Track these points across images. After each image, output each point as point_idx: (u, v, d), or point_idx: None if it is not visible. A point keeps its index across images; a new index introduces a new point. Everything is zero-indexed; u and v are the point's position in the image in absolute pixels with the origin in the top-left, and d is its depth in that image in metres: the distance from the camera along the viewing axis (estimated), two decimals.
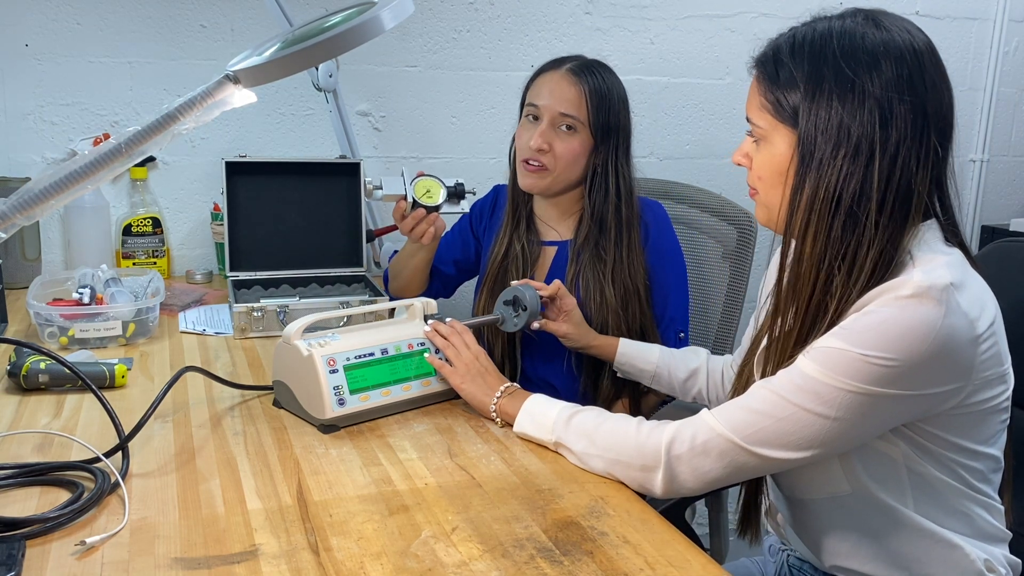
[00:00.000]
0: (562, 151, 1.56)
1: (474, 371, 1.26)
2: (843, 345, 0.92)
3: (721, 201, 1.87)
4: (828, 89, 0.95)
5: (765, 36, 1.06)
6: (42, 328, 1.50)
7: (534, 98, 1.59)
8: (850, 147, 0.94)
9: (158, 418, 1.20)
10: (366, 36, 0.89)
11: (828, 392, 0.93)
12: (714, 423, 1.00)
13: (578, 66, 1.59)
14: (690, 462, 1.01)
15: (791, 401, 0.95)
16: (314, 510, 0.98)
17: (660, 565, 0.89)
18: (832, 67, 0.95)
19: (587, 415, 1.13)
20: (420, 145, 2.27)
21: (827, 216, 0.95)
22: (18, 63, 1.93)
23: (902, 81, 0.93)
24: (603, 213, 1.59)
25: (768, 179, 1.03)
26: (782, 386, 0.96)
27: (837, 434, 0.94)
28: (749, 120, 1.05)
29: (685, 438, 1.01)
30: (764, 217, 1.08)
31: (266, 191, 1.94)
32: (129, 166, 0.89)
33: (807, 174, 0.97)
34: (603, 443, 1.08)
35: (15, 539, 0.87)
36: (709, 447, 0.99)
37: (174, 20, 2.01)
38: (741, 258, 1.80)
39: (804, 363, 0.95)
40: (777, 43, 1.02)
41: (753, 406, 0.98)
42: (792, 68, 0.98)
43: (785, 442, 0.96)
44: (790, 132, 0.99)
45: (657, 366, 1.44)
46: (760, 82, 1.02)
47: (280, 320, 1.63)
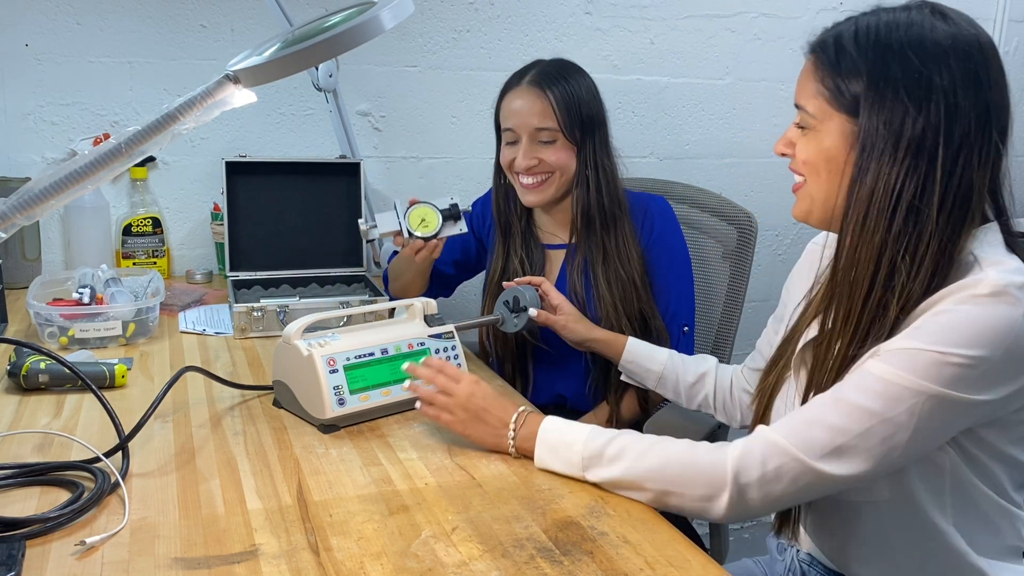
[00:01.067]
0: (552, 160, 1.57)
1: (472, 411, 1.13)
2: (920, 345, 0.89)
3: (721, 201, 1.87)
4: (894, 80, 0.93)
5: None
6: (42, 328, 1.50)
7: (506, 121, 1.60)
8: (914, 141, 0.92)
9: (158, 418, 1.20)
10: (366, 36, 0.89)
11: (907, 396, 0.89)
12: (786, 445, 0.94)
13: (538, 75, 1.58)
14: (761, 488, 0.94)
15: (870, 409, 0.90)
16: (314, 510, 0.98)
17: (660, 565, 0.89)
18: (899, 58, 0.93)
19: (624, 440, 1.04)
20: (420, 145, 2.27)
21: (888, 210, 0.93)
22: (18, 63, 1.93)
23: (968, 76, 0.92)
24: (588, 209, 1.59)
25: (816, 167, 1.00)
26: (856, 394, 0.92)
27: (908, 443, 0.91)
28: (799, 106, 1.01)
29: (754, 464, 0.95)
30: (804, 210, 1.04)
31: (266, 191, 1.94)
32: (129, 166, 0.89)
33: (867, 166, 0.94)
34: (652, 473, 1.00)
35: (15, 539, 0.87)
36: (782, 472, 0.94)
37: (174, 20, 2.01)
38: (741, 258, 1.80)
39: (876, 367, 0.91)
40: (838, 30, 0.99)
41: (827, 420, 0.93)
42: (855, 56, 0.95)
43: (860, 456, 0.91)
44: (846, 121, 0.97)
45: (665, 367, 1.40)
46: (817, 68, 0.99)
47: (280, 320, 1.63)
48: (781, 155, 1.06)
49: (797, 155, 1.03)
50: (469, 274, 1.85)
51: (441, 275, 1.79)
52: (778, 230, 2.68)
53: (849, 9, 1.01)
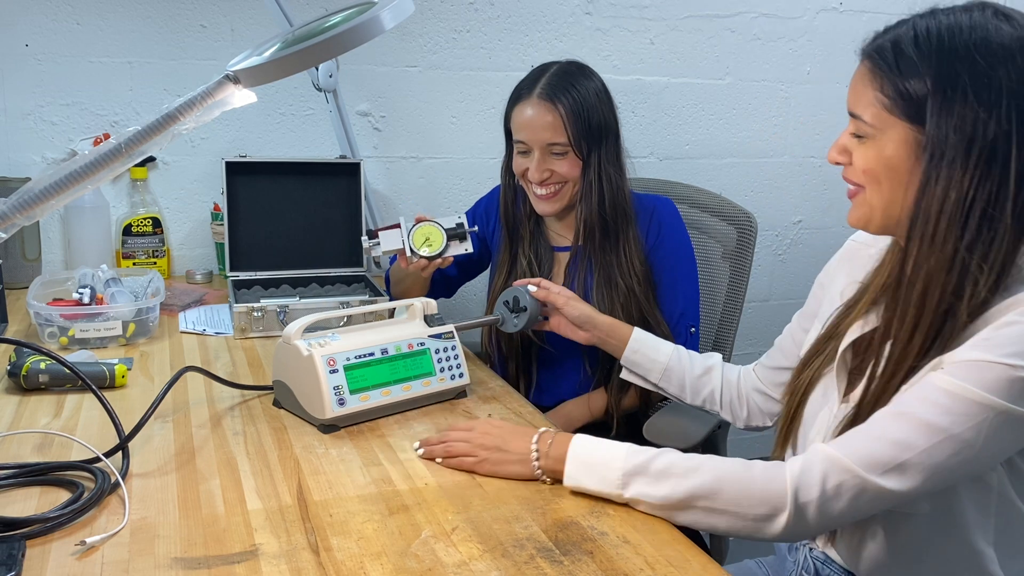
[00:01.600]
0: (565, 171, 1.58)
1: (492, 447, 1.09)
2: (990, 357, 0.87)
3: (721, 201, 1.87)
4: (962, 85, 0.89)
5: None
6: (42, 328, 1.50)
7: (518, 132, 1.60)
8: (986, 146, 0.89)
9: (158, 418, 1.20)
10: (366, 36, 0.89)
11: (976, 411, 0.87)
12: (846, 462, 0.91)
13: (548, 88, 1.56)
14: (821, 507, 0.91)
15: (936, 425, 0.88)
16: (314, 510, 0.98)
17: (660, 565, 0.89)
18: (966, 61, 0.89)
19: (668, 459, 0.99)
20: (420, 145, 2.27)
21: (960, 218, 0.90)
22: (18, 63, 1.93)
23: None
24: (588, 220, 1.60)
25: (877, 176, 0.96)
26: (922, 409, 0.89)
27: (971, 460, 0.89)
28: (855, 115, 0.98)
29: (814, 482, 0.92)
30: (863, 217, 1.00)
31: (266, 191, 1.94)
32: (129, 166, 0.89)
33: (937, 174, 0.91)
34: (703, 492, 0.95)
35: (15, 539, 0.87)
36: (843, 489, 0.91)
37: (174, 20, 2.01)
38: (741, 258, 1.80)
39: (943, 380, 0.89)
40: (895, 34, 0.95)
41: (892, 435, 0.90)
42: (917, 60, 0.92)
43: (923, 472, 0.89)
44: (909, 128, 0.93)
45: (671, 359, 1.35)
46: (875, 75, 0.95)
47: (280, 320, 1.63)
48: (835, 163, 1.02)
49: (855, 163, 0.99)
50: (472, 275, 1.85)
51: (444, 277, 1.79)
52: (778, 230, 2.68)
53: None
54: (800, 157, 2.65)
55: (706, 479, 0.96)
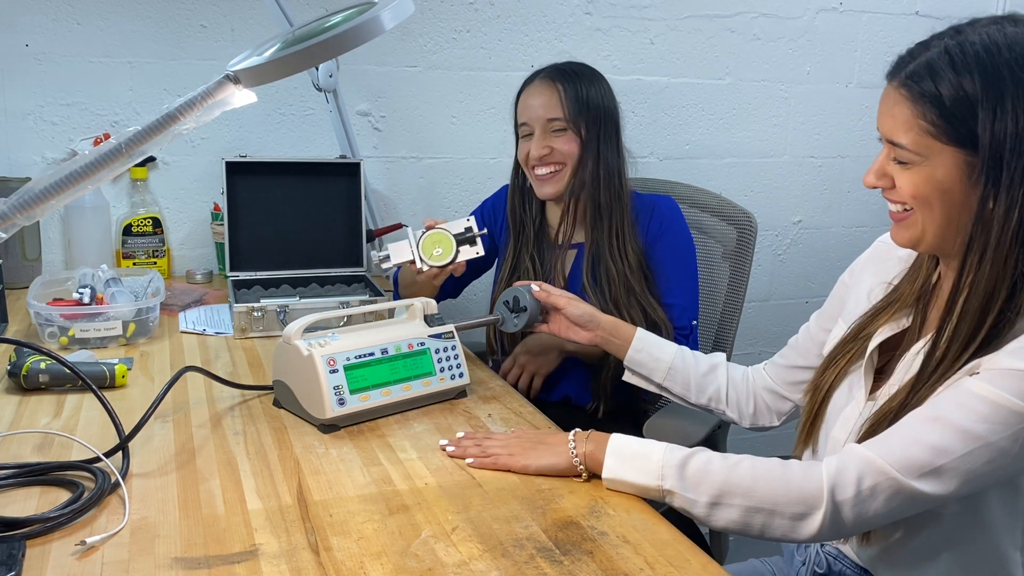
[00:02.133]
0: (564, 149, 1.62)
1: (528, 440, 1.11)
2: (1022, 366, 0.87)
3: (721, 201, 1.87)
4: (1012, 102, 0.88)
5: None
6: (42, 328, 1.50)
7: (521, 116, 1.67)
8: None
9: (158, 418, 1.20)
10: (366, 36, 0.89)
11: (1014, 420, 0.87)
12: (882, 464, 0.91)
13: (551, 71, 1.66)
14: (856, 507, 0.92)
15: (974, 432, 0.88)
16: (314, 510, 0.98)
17: (660, 565, 0.89)
18: (1010, 76, 0.89)
19: (707, 456, 1.00)
20: (420, 145, 2.27)
21: (1021, 231, 0.90)
22: (18, 63, 1.93)
23: None
24: (583, 196, 1.63)
25: (928, 200, 0.95)
26: (960, 415, 0.89)
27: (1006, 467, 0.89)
28: (895, 143, 0.96)
29: (849, 481, 0.92)
30: (913, 239, 1.00)
31: (266, 191, 1.94)
32: (129, 166, 0.89)
33: (996, 193, 0.90)
34: (741, 489, 0.96)
35: (15, 539, 0.87)
36: (878, 490, 0.91)
37: (174, 20, 2.01)
38: (741, 258, 1.80)
39: (982, 387, 0.89)
40: (928, 58, 0.94)
41: (929, 440, 0.90)
42: (959, 83, 0.91)
43: (959, 477, 0.89)
44: (957, 152, 0.92)
45: (675, 358, 1.34)
46: (914, 102, 0.94)
47: (280, 320, 1.63)
48: (872, 187, 1.01)
49: (901, 188, 0.98)
50: (479, 274, 1.85)
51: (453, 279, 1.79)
52: (778, 230, 2.68)
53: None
54: (800, 157, 2.65)
55: (744, 476, 0.97)
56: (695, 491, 0.98)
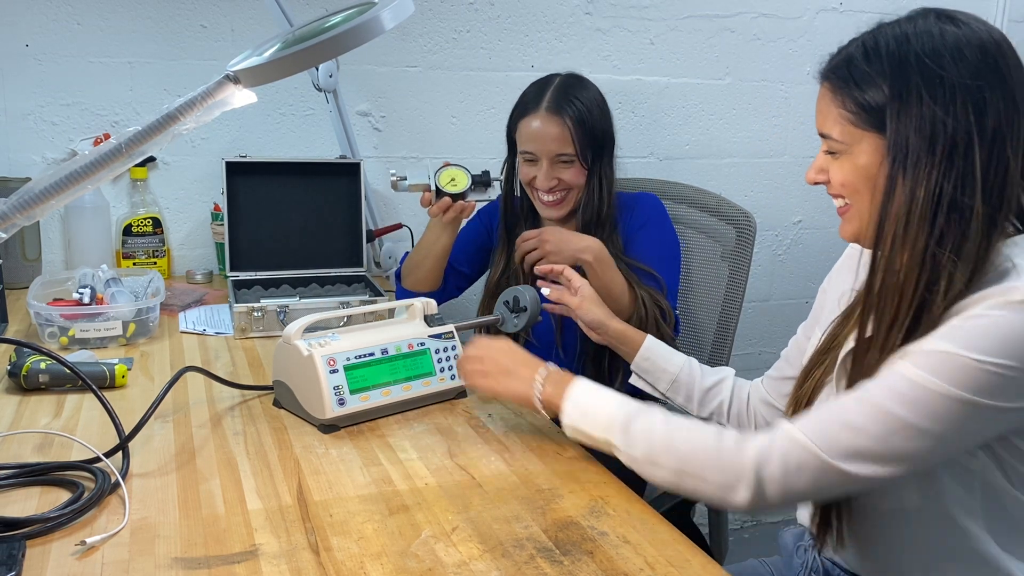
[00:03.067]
0: (571, 179, 1.65)
1: (502, 369, 1.18)
2: (952, 348, 0.88)
3: (720, 201, 1.87)
4: (916, 88, 0.93)
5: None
6: (42, 328, 1.50)
7: (526, 144, 1.66)
8: (947, 142, 0.92)
9: (158, 418, 1.20)
10: (366, 36, 0.89)
11: (935, 401, 0.88)
12: (806, 442, 0.93)
13: (554, 100, 1.63)
14: (781, 482, 0.94)
15: (894, 413, 0.89)
16: (314, 510, 0.98)
17: (660, 565, 0.89)
18: (916, 66, 0.93)
19: (652, 417, 1.03)
20: (420, 145, 2.27)
21: (929, 213, 0.92)
22: (18, 63, 1.93)
23: (989, 69, 0.92)
24: (591, 218, 1.67)
25: (856, 187, 1.00)
26: (883, 396, 0.90)
27: (932, 449, 0.90)
28: (825, 135, 1.01)
29: (775, 457, 0.94)
30: (855, 230, 1.03)
31: (266, 191, 1.94)
32: (129, 166, 0.89)
33: (901, 176, 0.94)
34: (675, 454, 0.99)
35: (15, 539, 0.88)
36: (803, 467, 0.93)
37: (174, 20, 2.01)
38: (740, 258, 1.80)
39: (907, 369, 0.90)
40: (847, 52, 1.00)
41: (850, 420, 0.92)
42: (871, 73, 0.96)
43: (882, 458, 0.90)
44: (877, 138, 0.96)
45: (681, 370, 1.35)
46: (835, 93, 0.99)
47: (280, 320, 1.63)
48: (814, 183, 1.05)
49: (833, 179, 1.02)
50: (483, 272, 1.86)
51: (457, 273, 1.80)
52: (777, 231, 2.68)
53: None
54: (800, 157, 2.64)
55: (680, 441, 1.00)
56: (635, 448, 1.02)
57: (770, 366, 1.32)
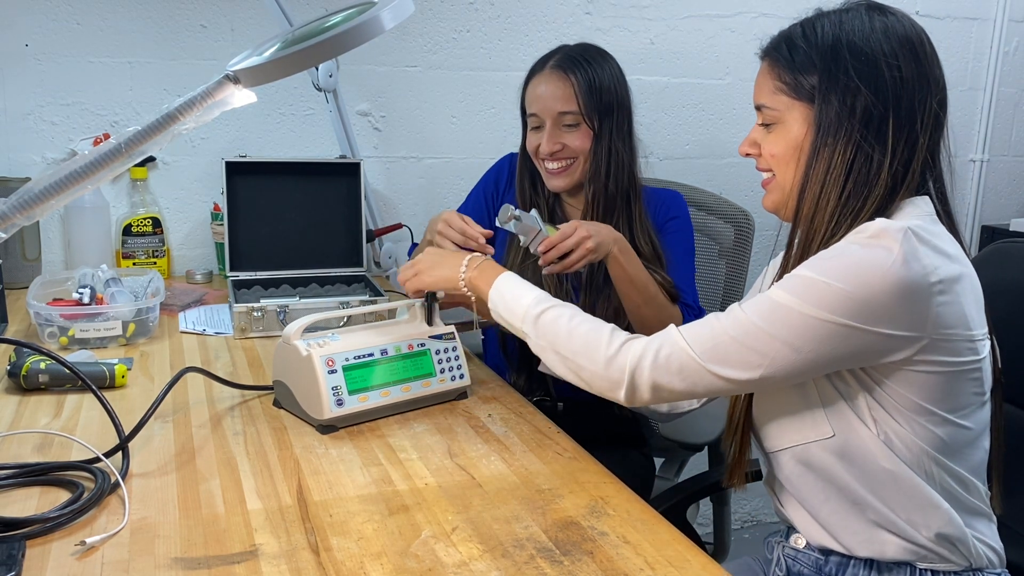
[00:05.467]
0: (576, 145, 1.58)
1: (431, 263, 1.29)
2: (809, 273, 0.98)
3: (718, 200, 1.87)
4: (844, 64, 1.02)
5: (765, 36, 1.10)
6: (42, 328, 1.50)
7: (530, 106, 1.61)
8: (866, 114, 1.01)
9: (158, 418, 1.20)
10: (366, 36, 0.89)
11: (790, 316, 0.97)
12: (679, 339, 1.04)
13: (562, 59, 1.59)
14: (651, 375, 1.04)
15: (756, 323, 0.99)
16: (314, 510, 0.98)
17: (660, 565, 0.89)
18: (847, 45, 1.03)
19: (558, 313, 1.13)
20: (420, 145, 2.27)
21: (841, 178, 1.03)
22: (18, 63, 1.93)
23: (910, 53, 1.02)
24: (597, 192, 1.60)
25: (783, 156, 1.08)
26: (751, 309, 1.01)
27: (790, 360, 0.98)
28: (761, 107, 1.11)
29: (650, 351, 1.04)
30: (776, 200, 1.12)
31: (266, 191, 1.94)
32: (129, 166, 0.89)
33: (823, 144, 1.04)
34: (569, 349, 1.10)
35: (15, 539, 0.88)
36: (671, 361, 1.03)
37: (174, 20, 2.01)
38: (739, 256, 1.80)
39: (774, 290, 1.01)
40: (787, 33, 1.09)
41: (720, 326, 1.02)
42: (807, 49, 1.05)
43: (743, 363, 1.00)
44: (806, 108, 1.05)
45: None
46: (773, 67, 1.10)
47: (280, 320, 1.63)
48: (746, 155, 1.14)
49: (764, 151, 1.11)
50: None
51: None
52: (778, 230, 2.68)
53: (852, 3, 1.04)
54: None
55: (572, 344, 1.10)
56: (539, 341, 1.13)
57: None
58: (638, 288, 1.49)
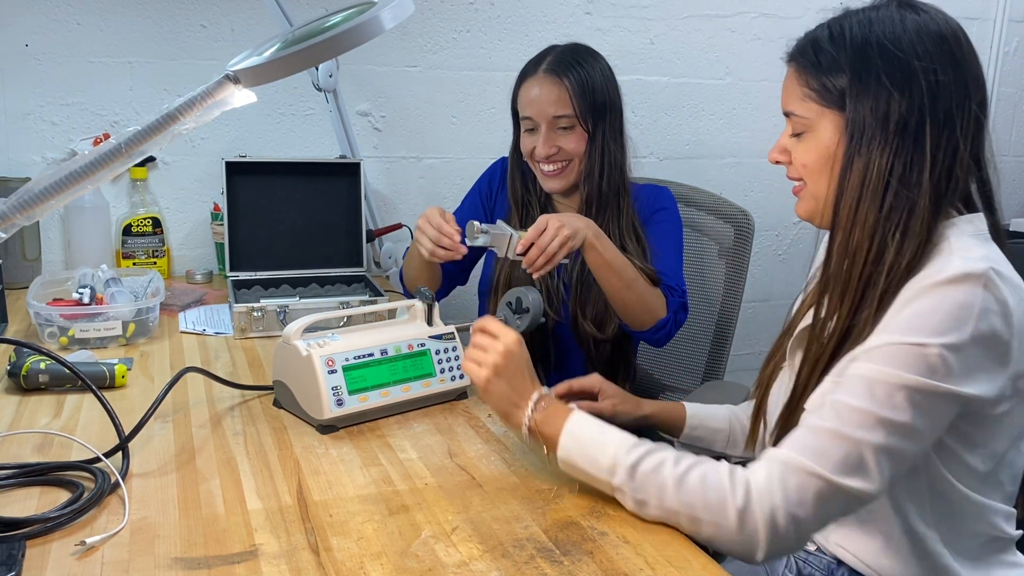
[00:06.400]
0: (571, 147, 1.60)
1: (503, 367, 1.07)
2: (895, 339, 0.91)
3: (718, 200, 1.87)
4: (875, 68, 0.97)
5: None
6: (42, 328, 1.50)
7: (524, 109, 1.63)
8: (901, 121, 0.95)
9: (158, 418, 1.20)
10: (366, 36, 0.89)
11: (895, 391, 0.90)
12: (796, 458, 0.91)
13: (555, 62, 1.60)
14: (789, 513, 0.91)
15: (866, 409, 0.90)
16: (314, 510, 0.98)
17: (660, 565, 0.89)
18: (877, 48, 0.97)
19: (659, 459, 0.97)
20: (420, 145, 2.27)
21: (880, 190, 0.96)
22: (18, 63, 1.93)
23: (945, 55, 0.96)
24: (591, 192, 1.62)
25: (815, 166, 1.03)
26: (850, 397, 0.91)
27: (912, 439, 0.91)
28: (789, 114, 1.05)
29: (775, 486, 0.91)
30: (810, 209, 1.06)
31: (266, 191, 1.94)
32: (129, 166, 0.89)
33: (857, 154, 0.98)
34: (683, 503, 0.94)
35: (15, 539, 0.87)
36: (804, 490, 0.91)
37: (174, 20, 2.01)
38: (739, 256, 1.80)
39: (861, 367, 0.92)
40: (813, 35, 1.04)
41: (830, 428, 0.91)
42: (834, 53, 1.00)
43: (875, 462, 0.90)
44: (837, 116, 1.00)
45: (730, 421, 1.30)
46: (800, 73, 1.03)
47: (280, 320, 1.63)
48: (775, 163, 1.08)
49: (795, 160, 1.05)
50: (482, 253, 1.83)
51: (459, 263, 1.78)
52: (778, 230, 2.68)
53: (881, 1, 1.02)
54: None
55: (684, 486, 0.94)
56: (641, 492, 0.96)
57: None
58: (616, 272, 1.48)
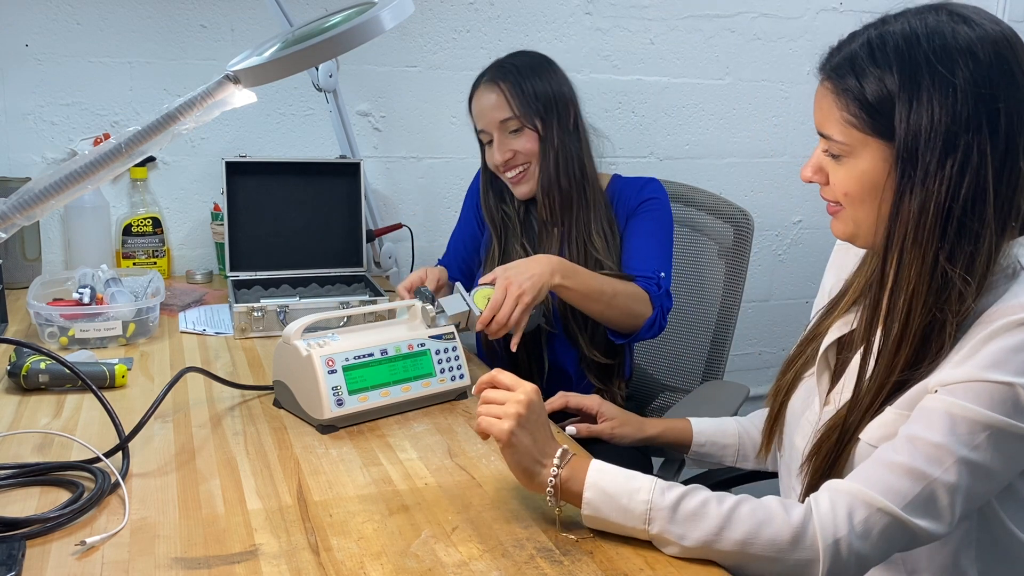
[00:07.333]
0: (526, 148, 1.61)
1: (528, 433, 0.96)
2: (982, 375, 0.86)
3: (717, 200, 1.87)
4: (927, 94, 0.88)
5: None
6: (42, 328, 1.50)
7: (477, 123, 1.67)
8: (958, 151, 0.87)
9: (158, 418, 1.20)
10: (366, 36, 0.89)
11: (978, 430, 0.86)
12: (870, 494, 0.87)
13: (491, 70, 1.65)
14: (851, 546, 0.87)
15: (946, 447, 0.86)
16: (314, 510, 0.98)
17: (660, 565, 0.89)
18: (927, 69, 0.88)
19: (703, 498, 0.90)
20: (420, 145, 2.27)
21: (939, 224, 0.88)
22: (18, 63, 1.93)
23: (1003, 73, 0.88)
24: (548, 185, 1.62)
25: (858, 196, 0.95)
26: (930, 433, 0.87)
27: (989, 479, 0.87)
28: (825, 136, 0.96)
29: (841, 517, 0.88)
30: (850, 233, 0.99)
31: (266, 191, 1.94)
32: (129, 166, 0.89)
33: (911, 187, 0.89)
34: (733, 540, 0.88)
35: (15, 539, 0.88)
36: (870, 524, 0.87)
37: (174, 20, 2.01)
38: (738, 256, 1.80)
39: (943, 402, 0.87)
40: (851, 50, 0.94)
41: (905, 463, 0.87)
42: (879, 76, 0.90)
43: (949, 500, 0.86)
44: (883, 145, 0.91)
45: (739, 435, 1.26)
46: (838, 95, 0.94)
47: (280, 320, 1.63)
48: (809, 181, 1.01)
49: (833, 184, 0.98)
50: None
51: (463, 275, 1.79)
52: (778, 230, 2.68)
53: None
54: (800, 157, 2.64)
55: (735, 521, 0.89)
56: (692, 540, 0.89)
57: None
58: (595, 299, 1.48)
